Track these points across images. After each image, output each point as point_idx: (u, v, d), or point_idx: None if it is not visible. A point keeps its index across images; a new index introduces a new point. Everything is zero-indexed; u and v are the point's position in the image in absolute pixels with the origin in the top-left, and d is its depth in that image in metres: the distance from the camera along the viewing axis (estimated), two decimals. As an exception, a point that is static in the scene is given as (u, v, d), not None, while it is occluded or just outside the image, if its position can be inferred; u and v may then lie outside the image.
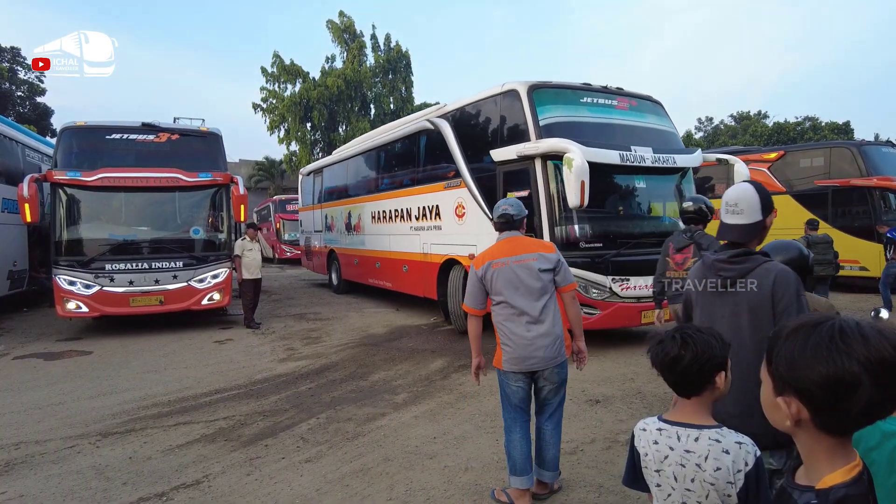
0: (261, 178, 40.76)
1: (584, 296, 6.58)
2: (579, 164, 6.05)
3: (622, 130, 7.38)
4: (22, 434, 4.71)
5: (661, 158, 7.17)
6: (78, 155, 9.01)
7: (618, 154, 6.76)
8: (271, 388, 5.94)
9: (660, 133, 7.78)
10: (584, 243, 6.87)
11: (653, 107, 8.05)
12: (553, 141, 6.56)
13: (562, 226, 6.85)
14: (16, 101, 31.75)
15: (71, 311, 8.70)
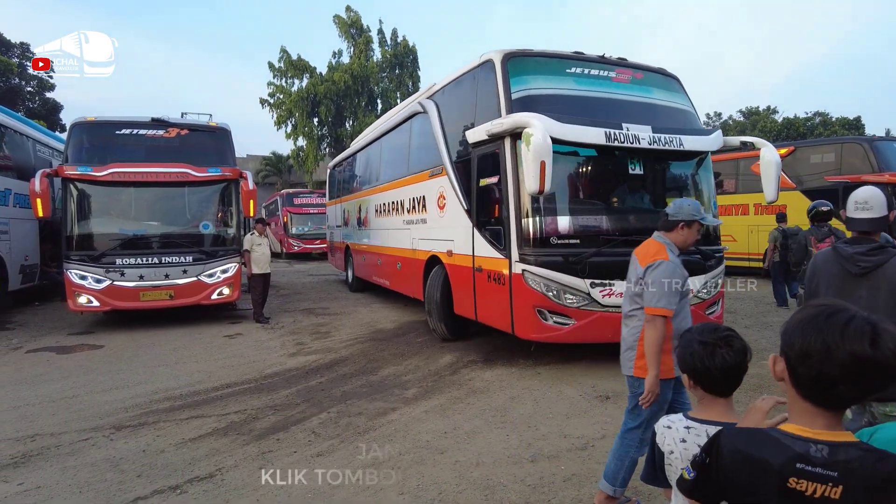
0: (268, 174, 40.93)
1: (556, 302, 5.68)
2: (539, 141, 5.04)
3: (619, 106, 6.36)
4: (37, 426, 4.76)
5: (663, 139, 6.00)
6: (88, 150, 9.05)
7: (603, 132, 5.69)
8: (282, 382, 5.97)
9: (669, 111, 6.67)
10: (556, 239, 5.84)
11: (664, 80, 6.93)
12: (517, 116, 5.60)
13: (529, 218, 5.83)
14: (25, 96, 31.98)
15: (82, 306, 8.77)
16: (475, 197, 6.71)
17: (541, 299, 5.69)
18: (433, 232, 8.04)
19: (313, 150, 34.52)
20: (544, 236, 5.83)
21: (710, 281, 6.25)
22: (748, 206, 13.82)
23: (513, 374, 6.03)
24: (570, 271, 5.67)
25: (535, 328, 5.79)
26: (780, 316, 9.07)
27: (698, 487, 1.27)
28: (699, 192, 6.77)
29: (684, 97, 6.94)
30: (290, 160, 38.24)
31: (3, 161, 10.74)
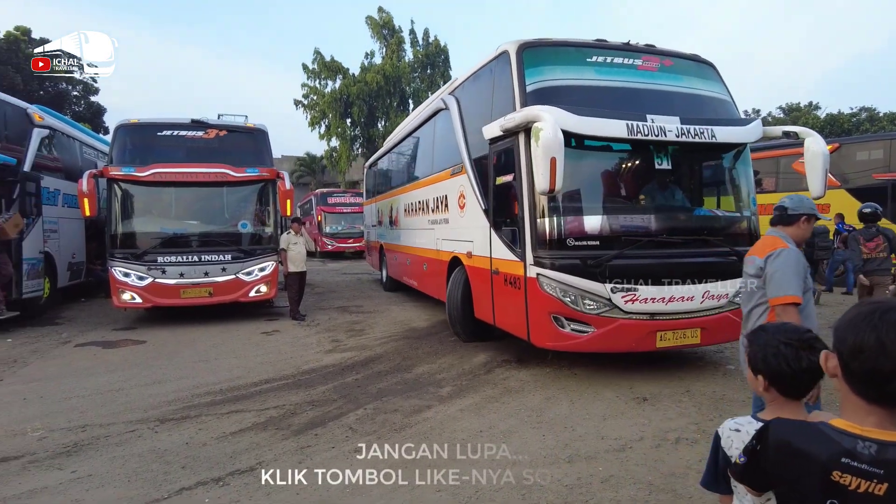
0: (302, 174, 41.60)
1: (573, 309, 5.33)
2: (548, 136, 4.76)
3: (645, 96, 5.93)
4: (87, 417, 4.94)
5: (693, 131, 5.52)
6: (132, 151, 9.35)
7: (624, 125, 5.29)
8: (319, 378, 6.06)
9: (702, 100, 6.20)
10: (573, 241, 5.46)
11: (697, 67, 6.43)
12: (528, 109, 5.27)
13: (544, 218, 5.52)
14: (72, 100, 33.14)
15: (126, 302, 9.06)
16: (492, 196, 6.49)
17: (557, 305, 5.37)
18: (455, 232, 7.86)
19: (346, 150, 34.93)
20: (560, 238, 5.48)
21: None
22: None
23: (548, 374, 5.99)
24: (588, 275, 5.30)
25: (551, 336, 5.50)
26: (824, 318, 8.78)
27: (748, 473, 1.33)
28: (737, 188, 6.39)
29: (720, 85, 6.45)
30: (323, 161, 38.81)
31: (53, 163, 11.17)
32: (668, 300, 5.39)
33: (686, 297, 5.45)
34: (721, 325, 5.65)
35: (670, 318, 5.46)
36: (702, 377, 5.87)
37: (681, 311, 5.48)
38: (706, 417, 4.69)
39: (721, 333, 5.75)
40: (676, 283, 5.42)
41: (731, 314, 5.62)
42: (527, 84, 5.69)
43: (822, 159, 5.60)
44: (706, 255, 5.73)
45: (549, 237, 5.50)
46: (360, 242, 25.09)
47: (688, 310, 5.50)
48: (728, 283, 5.59)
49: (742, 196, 6.36)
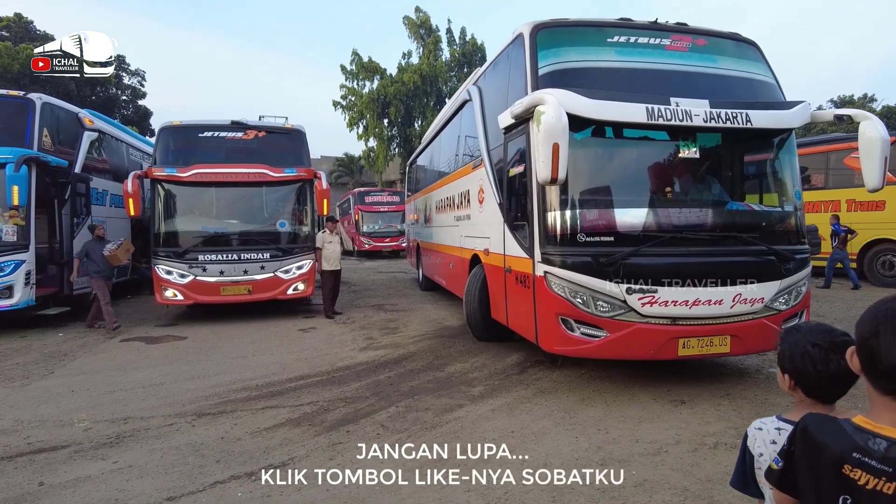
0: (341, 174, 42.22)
1: (583, 311, 4.92)
2: (549, 120, 4.37)
3: (672, 78, 5.43)
4: (129, 410, 5.10)
5: (724, 115, 4.96)
6: (174, 152, 9.63)
7: (643, 108, 4.82)
8: (352, 375, 6.11)
9: (739, 82, 5.64)
10: (585, 236, 5.01)
11: (735, 47, 5.84)
12: (536, 92, 4.89)
13: (553, 211, 5.11)
14: (120, 104, 34.46)
15: (168, 299, 9.35)
16: (506, 189, 6.20)
17: (565, 306, 4.99)
18: (475, 228, 7.63)
19: (383, 150, 35.26)
20: (571, 233, 5.04)
21: (789, 289, 5.24)
22: (840, 203, 12.85)
23: (582, 375, 5.89)
24: (601, 274, 4.85)
25: (560, 339, 5.09)
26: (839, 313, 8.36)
27: (786, 478, 1.31)
28: (778, 180, 5.85)
29: (762, 66, 5.82)
30: (361, 161, 39.26)
31: (101, 164, 11.63)
32: (693, 303, 4.90)
33: (714, 301, 4.92)
34: (755, 333, 5.07)
35: (695, 324, 4.95)
36: (742, 380, 5.67)
37: (707, 317, 4.95)
38: (746, 422, 4.47)
39: (755, 342, 5.18)
40: (702, 284, 4.91)
41: (767, 321, 5.12)
42: (539, 67, 5.30)
43: (880, 146, 4.94)
44: (739, 253, 5.17)
45: (558, 232, 5.09)
46: (397, 241, 25.32)
47: (716, 315, 4.96)
48: (765, 285, 5.08)
49: (784, 189, 5.84)
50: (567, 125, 4.42)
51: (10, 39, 28.44)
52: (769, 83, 5.77)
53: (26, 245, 8.49)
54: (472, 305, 7.35)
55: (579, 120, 4.73)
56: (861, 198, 12.38)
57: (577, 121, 4.71)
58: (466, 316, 7.57)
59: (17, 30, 29.69)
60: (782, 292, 5.19)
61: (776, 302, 5.18)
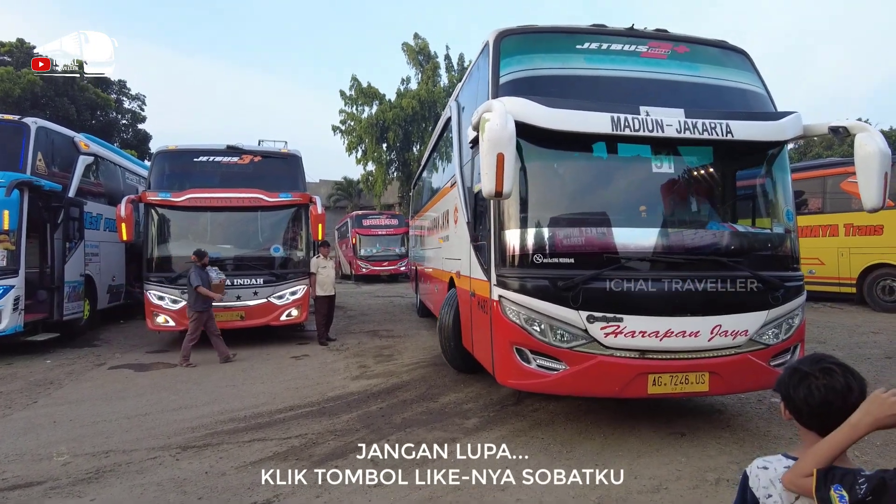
0: (339, 198, 42.34)
1: (539, 340, 4.42)
2: (494, 128, 3.95)
3: (649, 87, 5.01)
4: (111, 443, 4.93)
5: (701, 126, 4.47)
6: (169, 177, 9.59)
7: (608, 118, 4.36)
8: (343, 406, 5.95)
9: (723, 91, 5.16)
10: (542, 257, 4.54)
11: (721, 55, 5.38)
12: (487, 101, 4.38)
13: (509, 229, 4.69)
14: (120, 128, 34.63)
15: (160, 325, 9.21)
16: (472, 207, 5.87)
17: (520, 335, 4.51)
18: (451, 249, 7.26)
19: (382, 174, 35.40)
20: (527, 253, 4.59)
21: (779, 321, 4.68)
22: (837, 227, 12.81)
23: (580, 406, 5.73)
24: (559, 300, 4.37)
25: (514, 372, 4.60)
26: (880, 347, 8.24)
27: None
28: (768, 200, 5.29)
29: (751, 75, 5.33)
30: (360, 184, 39.40)
31: (97, 188, 11.58)
32: (664, 335, 4.36)
33: (688, 332, 4.40)
34: (739, 370, 4.54)
35: (667, 358, 4.42)
36: (744, 411, 5.52)
37: (681, 350, 4.42)
38: (748, 456, 4.35)
39: (739, 380, 4.62)
40: (675, 313, 4.40)
41: (752, 356, 4.57)
42: (501, 75, 4.90)
43: (878, 160, 4.41)
44: (718, 279, 4.56)
45: (514, 253, 4.64)
46: (395, 265, 25.19)
47: (691, 348, 4.43)
48: (749, 316, 4.55)
49: (774, 209, 5.29)
50: (513, 134, 3.99)
51: (13, 64, 28.67)
52: (759, 93, 5.26)
53: (16, 270, 8.37)
54: (445, 332, 6.89)
55: (538, 130, 4.37)
56: (859, 222, 12.34)
57: (536, 131, 4.39)
58: (440, 343, 7.16)
59: (20, 55, 29.94)
60: (770, 324, 4.64)
61: (763, 335, 4.63)
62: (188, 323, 8.27)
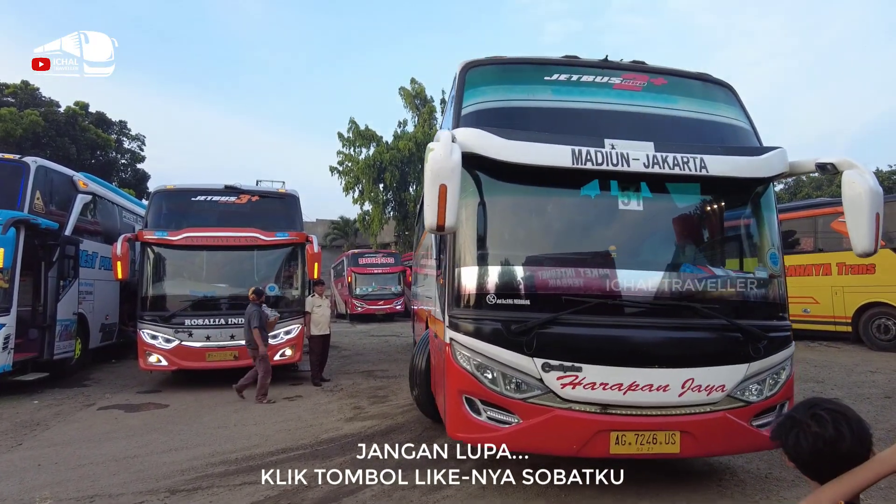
0: (336, 237, 42.54)
1: (490, 390, 4.03)
2: (437, 158, 3.73)
3: (619, 120, 4.68)
4: (98, 487, 4.80)
5: (672, 161, 4.13)
6: (166, 216, 9.64)
7: (569, 151, 4.05)
8: (336, 449, 5.83)
9: (702, 125, 4.83)
10: (495, 298, 4.21)
11: (702, 89, 5.04)
12: (439, 132, 4.17)
13: (462, 267, 4.35)
14: (119, 168, 34.96)
15: (152, 365, 9.09)
16: (438, 241, 5.58)
17: (470, 383, 4.09)
18: (428, 287, 6.99)
19: (378, 214, 35.66)
20: (480, 293, 4.25)
21: (762, 375, 4.21)
22: (830, 266, 12.88)
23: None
24: (512, 345, 3.98)
25: (463, 424, 4.16)
26: (878, 387, 8.18)
27: None
28: (751, 240, 4.82)
29: (734, 109, 4.98)
30: (356, 224, 39.62)
31: (94, 227, 11.61)
32: (628, 388, 3.94)
33: (656, 386, 3.96)
34: (715, 431, 4.06)
35: (632, 414, 3.99)
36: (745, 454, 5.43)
37: (648, 406, 3.99)
38: (750, 499, 4.29)
39: (716, 442, 4.13)
40: (641, 364, 3.99)
41: (731, 415, 4.08)
42: (464, 106, 4.66)
43: (868, 199, 3.99)
44: (691, 328, 4.22)
45: (467, 292, 4.30)
46: (391, 304, 25.06)
47: (659, 404, 3.99)
48: (726, 369, 4.10)
49: (758, 252, 4.80)
50: (458, 164, 3.75)
51: (16, 105, 29.10)
52: (742, 128, 4.88)
53: (8, 308, 8.29)
54: (416, 377, 6.33)
55: (496, 163, 4.14)
56: (851, 261, 12.42)
57: (495, 164, 4.17)
58: (409, 386, 6.74)
59: (24, 96, 30.43)
60: (751, 379, 4.17)
61: (744, 391, 4.16)
62: (257, 362, 8.26)
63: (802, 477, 1.55)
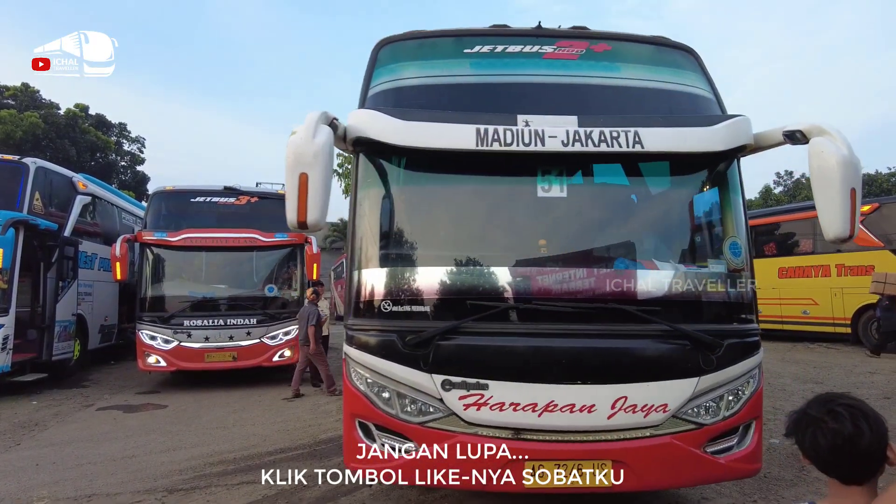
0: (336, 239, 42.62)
1: (384, 412, 3.36)
2: (296, 142, 3.14)
3: (547, 92, 3.96)
4: (95, 486, 4.80)
5: (597, 137, 3.39)
6: (165, 217, 9.66)
7: (472, 131, 3.37)
8: (334, 448, 5.82)
9: (655, 96, 4.02)
10: (390, 304, 3.49)
11: (654, 54, 4.20)
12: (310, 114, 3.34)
13: (358, 269, 3.66)
14: (119, 170, 35.01)
15: (151, 365, 9.10)
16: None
17: (362, 405, 3.43)
18: None
19: (376, 216, 35.73)
20: (373, 299, 3.55)
21: (717, 391, 3.38)
22: (829, 268, 12.89)
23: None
24: (406, 359, 3.31)
25: (356, 452, 3.47)
26: (877, 388, 8.18)
27: None
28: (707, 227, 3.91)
29: (693, 75, 4.11)
30: (355, 226, 39.76)
31: (93, 228, 11.61)
32: (544, 409, 3.21)
33: (579, 406, 3.21)
34: (658, 460, 3.28)
35: (551, 440, 3.26)
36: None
37: (569, 430, 3.26)
38: (749, 499, 4.28)
39: (659, 473, 3.35)
40: (560, 380, 3.26)
41: (677, 440, 3.28)
42: (371, 87, 4.03)
43: (840, 171, 3.22)
44: (624, 335, 3.45)
45: (361, 298, 3.62)
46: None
47: (583, 427, 3.25)
48: (669, 385, 3.31)
49: (715, 241, 3.87)
50: (323, 149, 3.17)
51: (16, 107, 29.15)
52: (702, 97, 4.04)
53: (6, 309, 8.29)
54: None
55: (395, 150, 3.58)
56: (850, 262, 12.45)
57: (394, 151, 3.60)
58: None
59: (24, 98, 30.49)
60: (703, 396, 3.35)
61: (694, 411, 3.35)
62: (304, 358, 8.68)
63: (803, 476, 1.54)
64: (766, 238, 14.37)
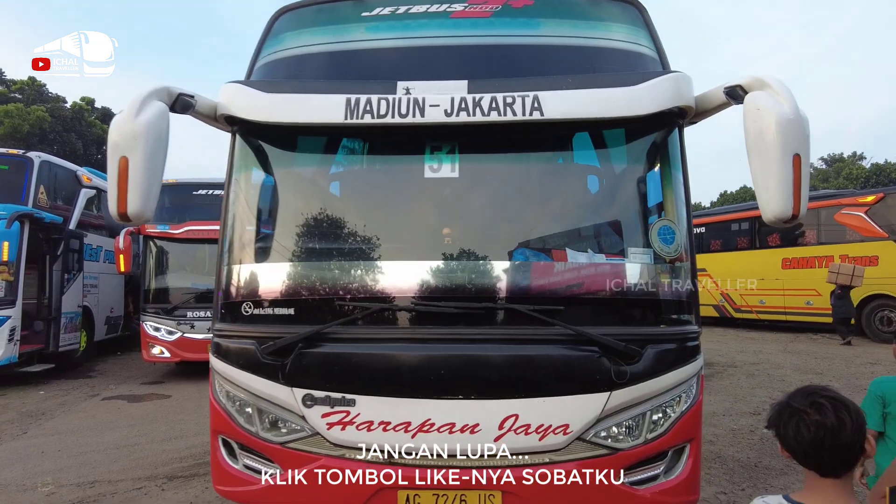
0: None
1: (243, 430, 2.88)
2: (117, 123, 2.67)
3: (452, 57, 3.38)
4: (98, 473, 4.92)
5: (485, 104, 2.82)
6: (168, 209, 9.73)
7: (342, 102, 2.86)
8: (332, 437, 5.92)
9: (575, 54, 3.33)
10: (251, 307, 2.98)
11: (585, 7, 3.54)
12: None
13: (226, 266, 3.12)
14: (125, 163, 35.17)
15: (155, 356, 9.23)
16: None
17: (224, 422, 2.98)
18: None
19: (381, 206, 35.83)
20: (233, 301, 3.06)
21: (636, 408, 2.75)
22: (833, 259, 12.85)
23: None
24: (264, 370, 2.82)
25: (219, 473, 3.04)
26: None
27: None
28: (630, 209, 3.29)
29: (634, 30, 3.41)
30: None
31: (97, 221, 11.74)
32: (418, 429, 2.69)
33: (461, 426, 2.68)
34: (561, 491, 2.64)
35: (427, 466, 2.69)
36: (735, 441, 5.48)
37: (449, 453, 2.68)
38: (738, 487, 4.33)
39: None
40: (438, 394, 2.72)
41: (584, 467, 2.66)
42: (259, 58, 3.59)
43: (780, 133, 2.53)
44: (515, 339, 2.81)
45: (225, 300, 3.12)
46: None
47: (466, 451, 2.67)
48: (572, 401, 2.71)
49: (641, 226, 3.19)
50: (150, 129, 2.68)
51: (23, 101, 29.35)
52: (642, 55, 3.34)
53: (13, 301, 8.44)
54: None
55: (259, 127, 3.10)
56: (854, 253, 12.40)
57: (264, 130, 3.15)
58: None
59: (30, 92, 30.66)
60: (617, 415, 2.73)
61: (606, 433, 2.75)
62: None
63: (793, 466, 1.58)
64: (770, 228, 14.31)
